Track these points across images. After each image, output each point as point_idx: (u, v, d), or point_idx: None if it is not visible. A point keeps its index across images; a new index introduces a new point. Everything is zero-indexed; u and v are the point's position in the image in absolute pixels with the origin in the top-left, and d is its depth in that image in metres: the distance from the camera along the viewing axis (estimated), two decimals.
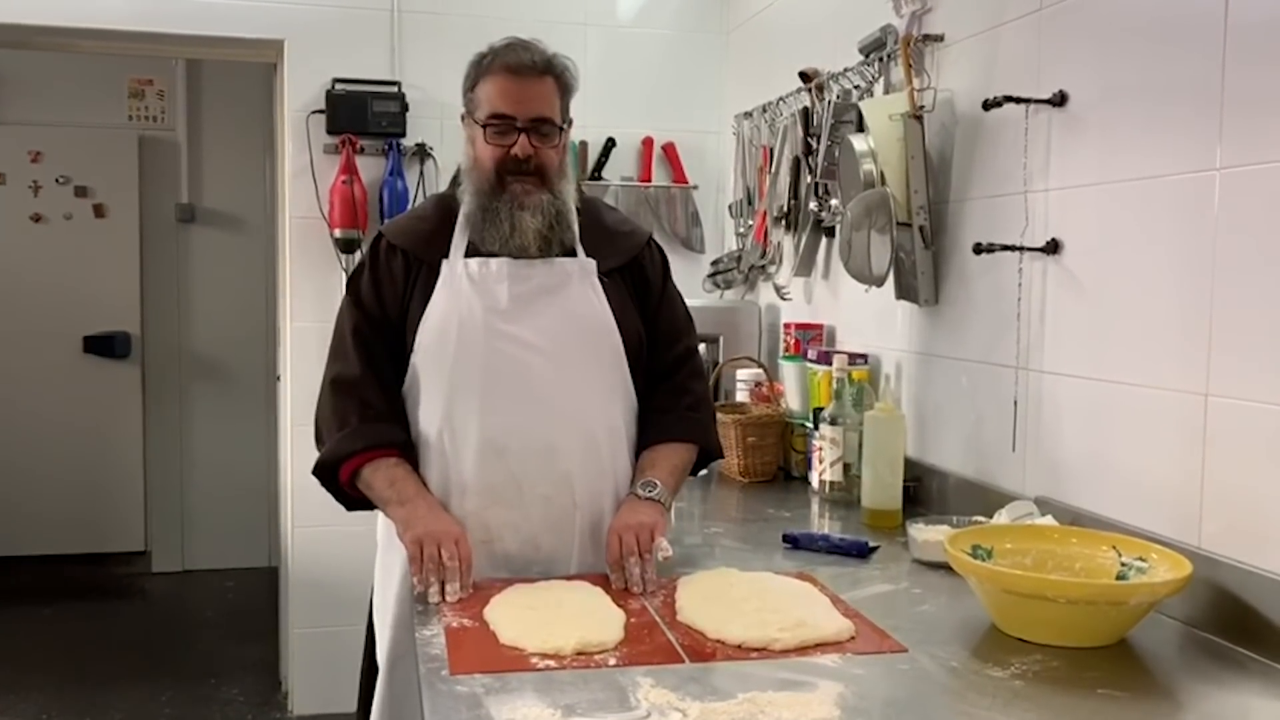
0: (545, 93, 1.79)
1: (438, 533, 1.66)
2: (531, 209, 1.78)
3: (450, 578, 1.62)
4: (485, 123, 1.78)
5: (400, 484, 1.75)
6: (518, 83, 1.77)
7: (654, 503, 1.78)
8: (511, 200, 1.78)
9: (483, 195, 1.80)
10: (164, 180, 5.26)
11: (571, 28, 3.50)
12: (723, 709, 1.22)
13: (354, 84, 3.38)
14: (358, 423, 1.78)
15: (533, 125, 1.77)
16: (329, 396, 1.83)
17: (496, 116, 1.77)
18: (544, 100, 1.78)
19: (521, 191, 1.78)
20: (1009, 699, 1.29)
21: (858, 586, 1.75)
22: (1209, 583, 1.53)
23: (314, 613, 3.51)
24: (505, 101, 1.77)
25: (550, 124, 1.79)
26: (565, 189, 1.83)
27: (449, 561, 1.63)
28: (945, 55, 2.30)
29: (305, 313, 3.43)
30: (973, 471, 2.20)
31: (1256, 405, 1.50)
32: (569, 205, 1.83)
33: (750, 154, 3.33)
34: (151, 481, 5.34)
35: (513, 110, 1.77)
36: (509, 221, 1.78)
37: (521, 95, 1.77)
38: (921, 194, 2.26)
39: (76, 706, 3.73)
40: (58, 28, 3.28)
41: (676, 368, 1.93)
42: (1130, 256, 1.76)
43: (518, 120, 1.77)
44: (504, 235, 1.79)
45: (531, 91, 1.77)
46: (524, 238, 1.78)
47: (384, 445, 1.78)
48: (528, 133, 1.77)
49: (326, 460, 1.80)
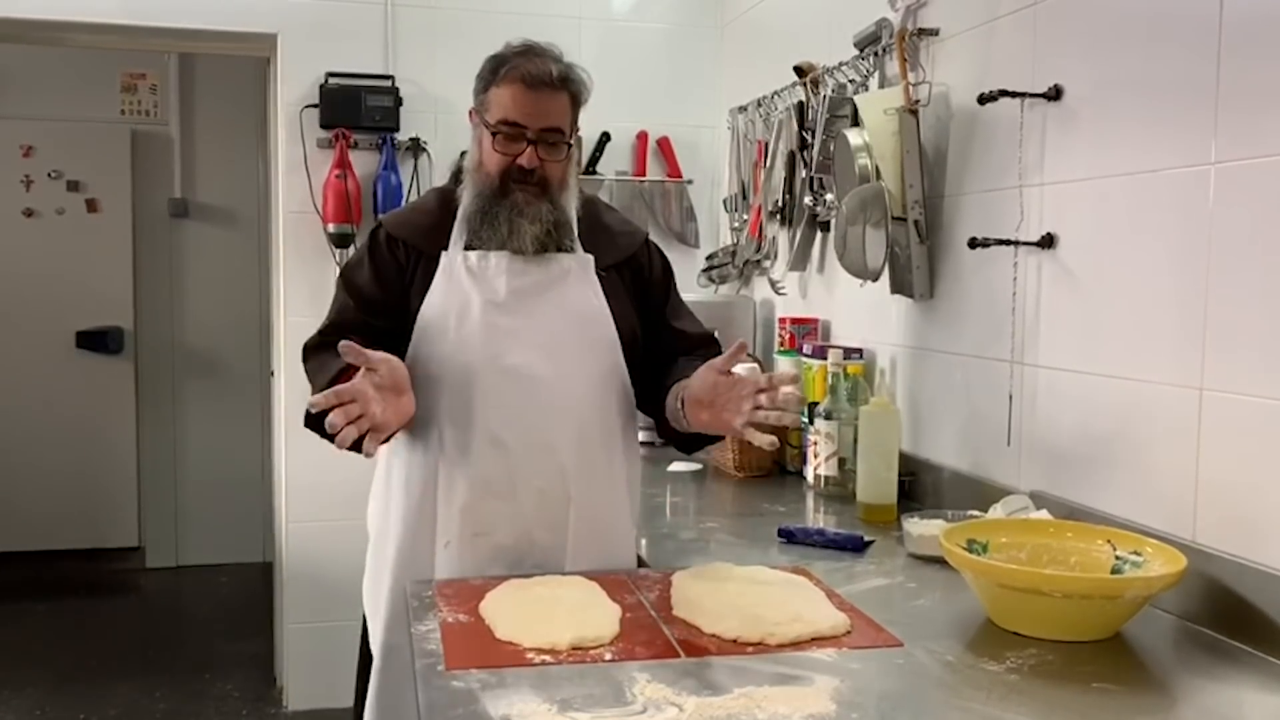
0: (559, 106, 1.78)
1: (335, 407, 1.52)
2: (530, 217, 1.78)
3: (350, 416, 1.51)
4: (495, 129, 1.78)
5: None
6: (533, 95, 1.76)
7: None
8: (512, 207, 1.78)
9: (484, 199, 1.80)
10: (157, 175, 5.25)
11: (566, 21, 3.49)
12: (718, 704, 1.22)
13: (347, 78, 3.37)
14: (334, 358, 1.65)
15: (542, 136, 1.77)
16: (310, 356, 1.83)
17: (507, 124, 1.77)
18: (557, 113, 1.78)
19: (523, 200, 1.78)
20: (1004, 693, 1.29)
21: (853, 581, 1.76)
22: (1204, 576, 1.53)
23: (308, 608, 3.51)
24: (518, 111, 1.76)
25: (559, 135, 1.79)
26: (567, 200, 1.83)
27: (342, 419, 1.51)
28: (940, 49, 2.30)
29: (299, 307, 3.42)
30: (968, 466, 2.20)
31: (1251, 399, 1.51)
32: (569, 216, 1.83)
33: (745, 148, 3.32)
34: (145, 477, 5.33)
35: (525, 120, 1.76)
36: (507, 226, 1.78)
37: (535, 107, 1.76)
38: (916, 188, 2.26)
39: (70, 702, 3.72)
40: (50, 21, 3.27)
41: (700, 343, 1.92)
42: (1125, 251, 1.76)
43: (528, 131, 1.76)
44: (501, 238, 1.79)
45: (545, 105, 1.76)
46: (521, 241, 1.78)
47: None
48: (536, 144, 1.77)
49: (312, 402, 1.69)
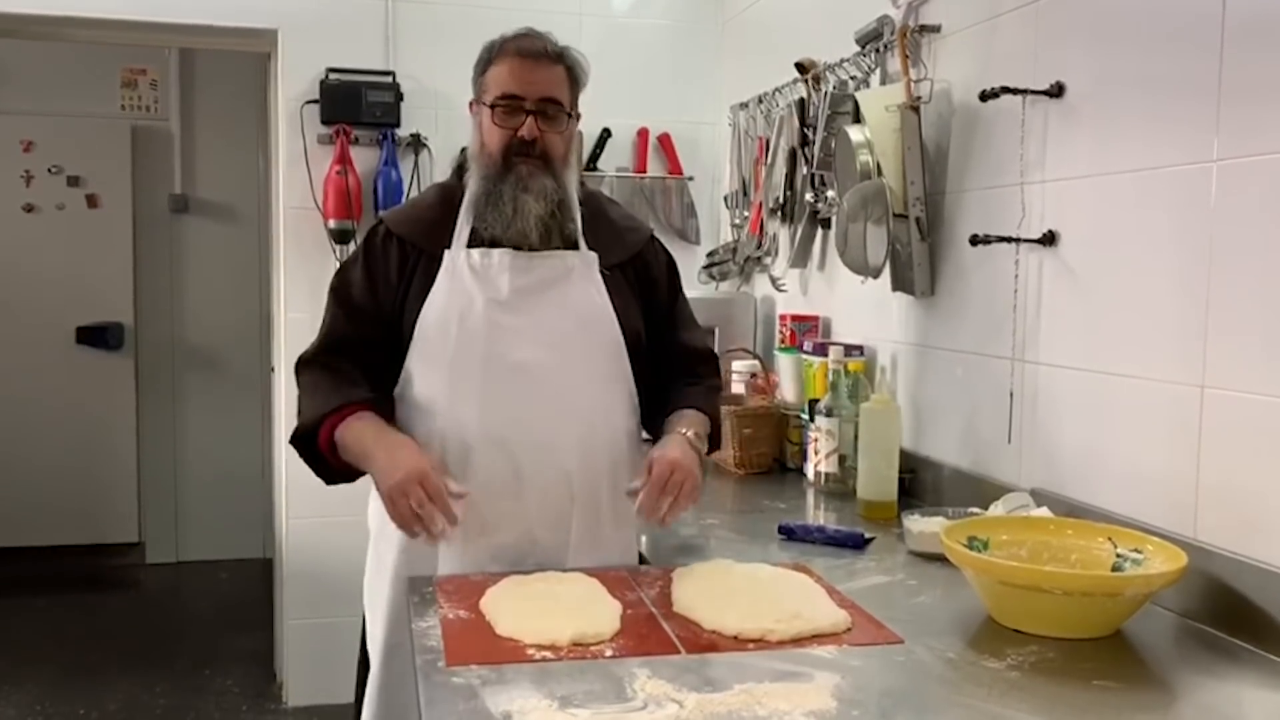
0: (555, 77, 1.79)
1: (400, 482, 1.63)
2: (535, 192, 1.77)
3: (430, 521, 1.61)
4: (494, 103, 1.78)
5: (365, 439, 1.71)
6: (529, 65, 1.77)
7: (698, 454, 1.78)
8: (517, 181, 1.77)
9: (488, 179, 1.80)
10: (157, 170, 5.24)
11: (567, 18, 3.48)
12: (719, 700, 1.22)
13: (348, 74, 3.37)
14: (329, 386, 1.77)
15: (540, 107, 1.77)
16: (304, 371, 1.84)
17: (505, 97, 1.77)
18: (554, 84, 1.79)
19: (527, 173, 1.77)
20: (1005, 690, 1.30)
21: (853, 578, 1.76)
22: (1204, 574, 1.53)
23: (308, 604, 3.51)
24: (515, 82, 1.77)
25: (558, 106, 1.79)
26: (569, 179, 1.83)
27: (420, 509, 1.61)
28: (942, 46, 2.29)
29: (299, 303, 3.41)
30: (968, 463, 2.20)
31: (1252, 397, 1.51)
32: (572, 197, 1.83)
33: (746, 145, 3.32)
34: (145, 473, 5.32)
35: (522, 91, 1.77)
36: (512, 204, 1.77)
37: (532, 76, 1.77)
38: (918, 185, 2.26)
39: (70, 697, 3.72)
40: (50, 16, 3.27)
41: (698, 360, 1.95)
42: (1127, 248, 1.76)
43: (526, 101, 1.77)
44: (506, 218, 1.78)
45: (542, 74, 1.78)
46: (525, 221, 1.77)
47: (352, 402, 1.76)
48: (535, 115, 1.77)
49: (300, 429, 1.78)
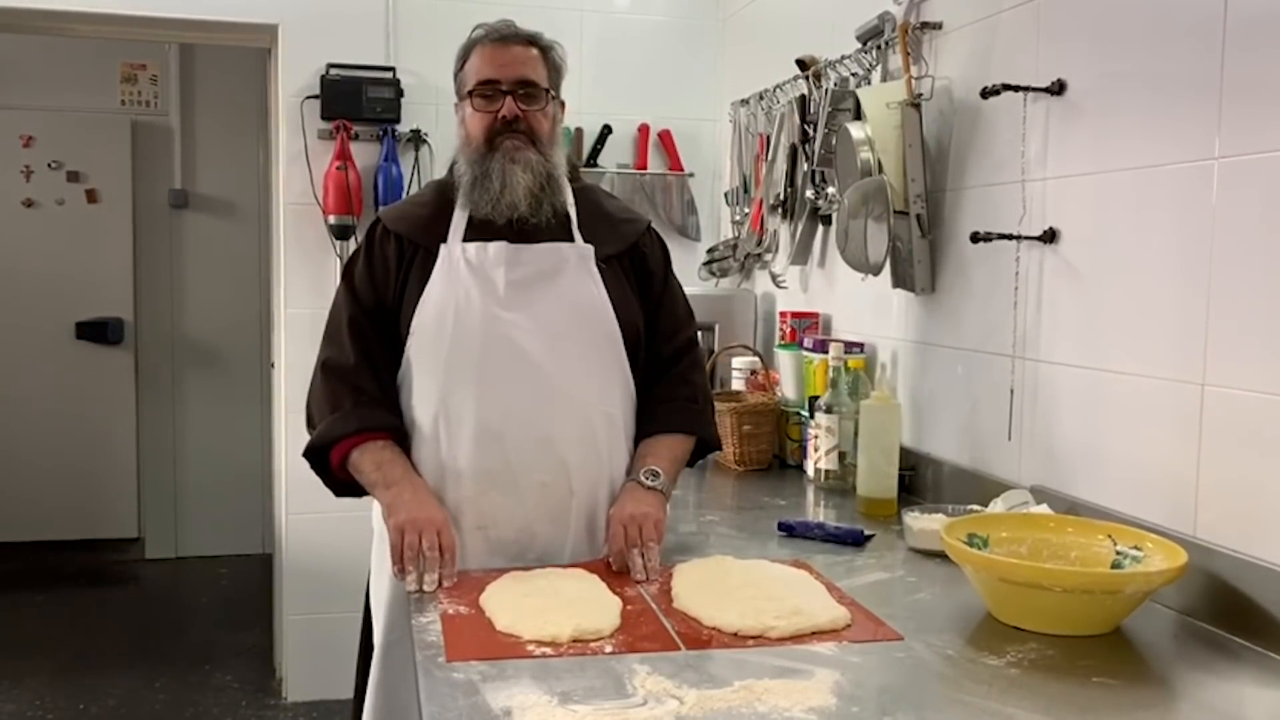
0: (528, 58, 1.82)
1: (420, 520, 1.65)
2: (522, 164, 1.79)
3: (429, 568, 1.62)
4: (472, 90, 1.82)
5: (387, 467, 1.75)
6: (500, 49, 1.81)
7: (656, 492, 1.79)
8: (504, 155, 1.79)
9: (475, 163, 1.82)
10: (157, 165, 5.24)
11: (568, 14, 3.48)
12: (719, 696, 1.22)
13: (348, 69, 3.37)
14: (350, 406, 1.78)
15: (517, 88, 1.80)
16: (321, 380, 1.83)
17: (482, 83, 1.81)
18: (527, 64, 1.82)
19: (512, 147, 1.80)
20: (1004, 687, 1.30)
21: (853, 575, 1.76)
22: (1204, 572, 1.53)
23: (308, 599, 3.51)
24: (489, 67, 1.81)
25: (535, 87, 1.82)
26: (556, 155, 1.85)
27: (429, 551, 1.62)
28: (943, 43, 2.29)
29: (299, 299, 3.42)
30: (968, 460, 2.20)
31: (1253, 395, 1.50)
32: (560, 171, 1.85)
33: (747, 142, 3.32)
34: (145, 468, 5.32)
35: (497, 74, 1.80)
36: (500, 179, 1.79)
37: (505, 59, 1.81)
38: (919, 182, 2.25)
39: (70, 693, 3.72)
40: (50, 11, 3.26)
41: (677, 359, 1.94)
42: (1128, 246, 1.76)
43: (503, 84, 1.80)
44: (494, 193, 1.79)
45: (515, 57, 1.81)
46: (514, 193, 1.78)
47: (374, 429, 1.77)
48: (513, 95, 1.80)
49: (317, 443, 1.80)
